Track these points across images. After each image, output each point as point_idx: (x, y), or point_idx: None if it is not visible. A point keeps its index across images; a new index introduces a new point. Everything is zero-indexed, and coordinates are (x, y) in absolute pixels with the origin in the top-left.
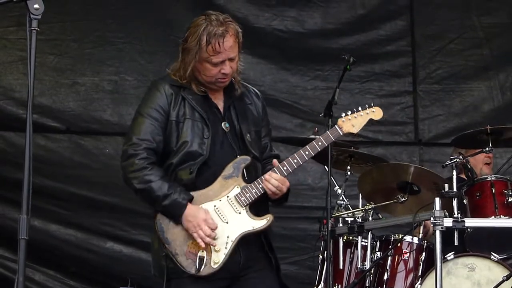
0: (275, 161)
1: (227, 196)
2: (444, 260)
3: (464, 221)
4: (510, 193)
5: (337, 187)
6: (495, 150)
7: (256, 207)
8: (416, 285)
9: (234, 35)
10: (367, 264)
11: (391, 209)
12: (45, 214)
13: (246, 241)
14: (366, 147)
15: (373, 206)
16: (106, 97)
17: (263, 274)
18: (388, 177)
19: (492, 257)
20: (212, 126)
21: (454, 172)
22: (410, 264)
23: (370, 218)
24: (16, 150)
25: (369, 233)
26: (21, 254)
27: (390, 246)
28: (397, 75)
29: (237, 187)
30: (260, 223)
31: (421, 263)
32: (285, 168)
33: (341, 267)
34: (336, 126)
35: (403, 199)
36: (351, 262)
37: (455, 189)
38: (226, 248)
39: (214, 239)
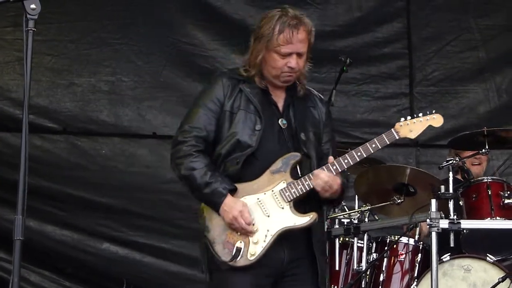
0: (331, 157)
1: (272, 190)
2: (440, 261)
3: (460, 223)
4: (506, 194)
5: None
6: (491, 152)
7: (303, 205)
8: (412, 287)
9: (307, 32)
10: (363, 265)
11: (387, 210)
12: (41, 215)
13: (292, 242)
14: None
15: (369, 207)
16: (103, 98)
17: (303, 280)
18: (384, 178)
19: (488, 258)
20: (266, 121)
21: (451, 174)
22: (406, 265)
23: (366, 220)
24: (13, 151)
25: (365, 234)
26: (16, 254)
27: (386, 248)
28: (393, 77)
29: (283, 182)
30: (302, 220)
31: (417, 265)
32: (334, 167)
33: (337, 269)
34: (392, 129)
35: (399, 200)
36: (347, 264)
37: (451, 191)
38: (264, 241)
39: (250, 232)
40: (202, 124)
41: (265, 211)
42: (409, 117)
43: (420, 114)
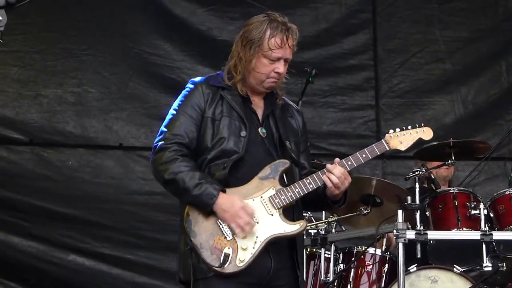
0: (337, 159)
1: (261, 197)
2: (407, 272)
3: (426, 234)
4: (473, 205)
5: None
6: (457, 163)
7: (292, 213)
8: None
9: (294, 39)
10: (331, 276)
11: (354, 221)
12: (6, 226)
13: (278, 250)
14: (328, 160)
15: (336, 218)
16: (69, 109)
17: None
18: (351, 189)
19: (454, 269)
20: (249, 127)
21: (417, 185)
22: (373, 276)
23: (333, 230)
24: None
25: (332, 245)
26: None
27: (353, 258)
28: (359, 89)
29: (273, 189)
30: (292, 228)
31: (384, 275)
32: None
33: (304, 279)
34: (383, 140)
35: (366, 211)
36: (314, 274)
37: (417, 202)
38: (253, 248)
39: (246, 233)
40: (184, 131)
41: (254, 218)
42: (397, 129)
43: (409, 127)
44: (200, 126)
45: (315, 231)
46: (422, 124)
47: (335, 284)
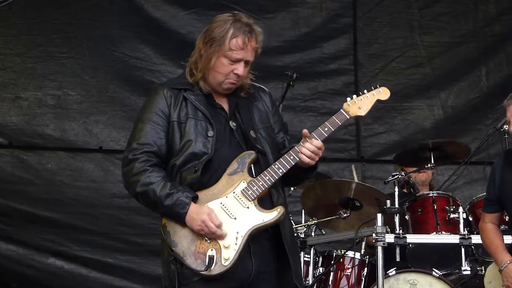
0: (305, 130)
1: (233, 192)
2: (386, 276)
3: (406, 237)
4: (452, 209)
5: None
6: (436, 168)
7: (270, 200)
8: None
9: (257, 41)
10: (310, 279)
11: (334, 224)
12: None
13: (260, 253)
14: None
15: (315, 221)
16: (49, 112)
17: None
18: (331, 193)
19: (433, 273)
20: (216, 125)
21: (396, 188)
22: (352, 279)
23: (313, 234)
24: None
25: (312, 248)
26: None
27: (332, 262)
28: (339, 93)
29: (243, 182)
30: (270, 216)
31: (363, 279)
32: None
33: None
34: (342, 110)
35: (345, 214)
36: None
37: (397, 205)
38: (236, 244)
39: (220, 236)
40: (151, 140)
41: (231, 214)
42: (354, 96)
43: (365, 91)
44: (167, 132)
45: (295, 234)
46: (378, 86)
47: (315, 287)
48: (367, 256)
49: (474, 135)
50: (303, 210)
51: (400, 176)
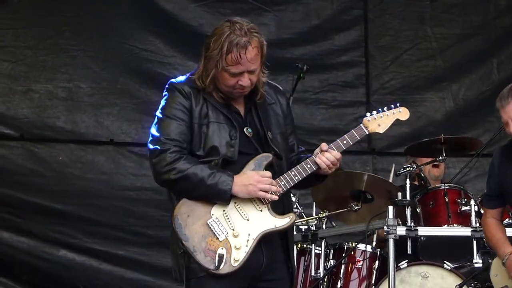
0: (324, 144)
1: None
2: (397, 268)
3: (417, 230)
4: (463, 202)
5: (291, 195)
6: (448, 160)
7: (282, 205)
8: None
9: (257, 47)
10: (321, 272)
11: (345, 217)
12: None
13: (270, 244)
14: None
15: (326, 214)
16: (60, 104)
17: (280, 285)
18: (342, 185)
19: (445, 265)
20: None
21: (408, 181)
22: (364, 272)
23: (324, 226)
24: None
25: (323, 241)
26: None
27: (343, 254)
28: (350, 85)
29: None
30: (282, 222)
31: (375, 271)
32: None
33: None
34: (361, 125)
35: (356, 207)
36: (305, 270)
37: (408, 198)
38: (247, 246)
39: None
40: (178, 135)
41: (244, 215)
42: (374, 112)
43: (385, 108)
44: (190, 128)
45: (306, 227)
46: (398, 105)
47: (326, 280)
48: (379, 249)
49: (486, 128)
50: (314, 203)
51: (411, 168)
